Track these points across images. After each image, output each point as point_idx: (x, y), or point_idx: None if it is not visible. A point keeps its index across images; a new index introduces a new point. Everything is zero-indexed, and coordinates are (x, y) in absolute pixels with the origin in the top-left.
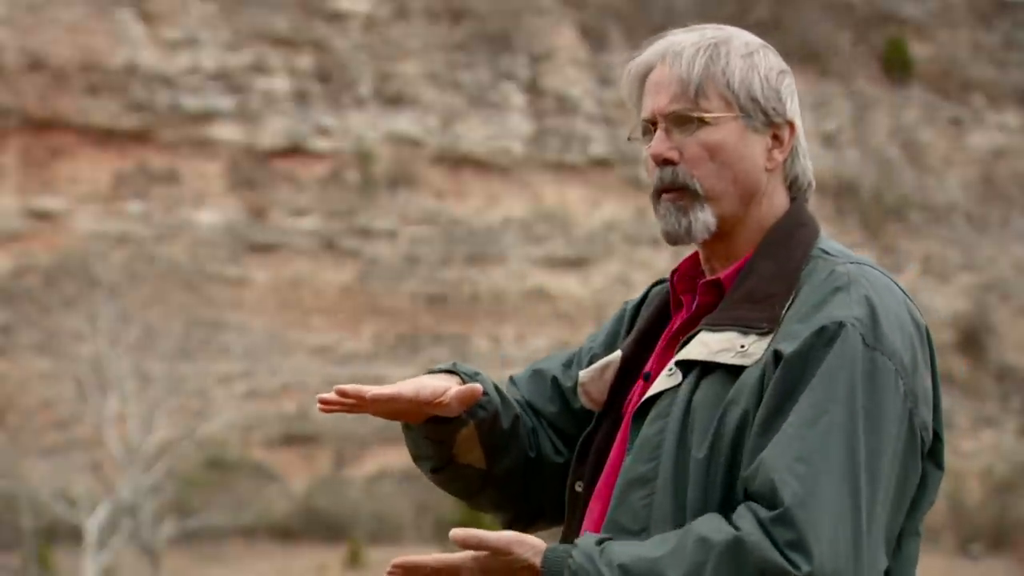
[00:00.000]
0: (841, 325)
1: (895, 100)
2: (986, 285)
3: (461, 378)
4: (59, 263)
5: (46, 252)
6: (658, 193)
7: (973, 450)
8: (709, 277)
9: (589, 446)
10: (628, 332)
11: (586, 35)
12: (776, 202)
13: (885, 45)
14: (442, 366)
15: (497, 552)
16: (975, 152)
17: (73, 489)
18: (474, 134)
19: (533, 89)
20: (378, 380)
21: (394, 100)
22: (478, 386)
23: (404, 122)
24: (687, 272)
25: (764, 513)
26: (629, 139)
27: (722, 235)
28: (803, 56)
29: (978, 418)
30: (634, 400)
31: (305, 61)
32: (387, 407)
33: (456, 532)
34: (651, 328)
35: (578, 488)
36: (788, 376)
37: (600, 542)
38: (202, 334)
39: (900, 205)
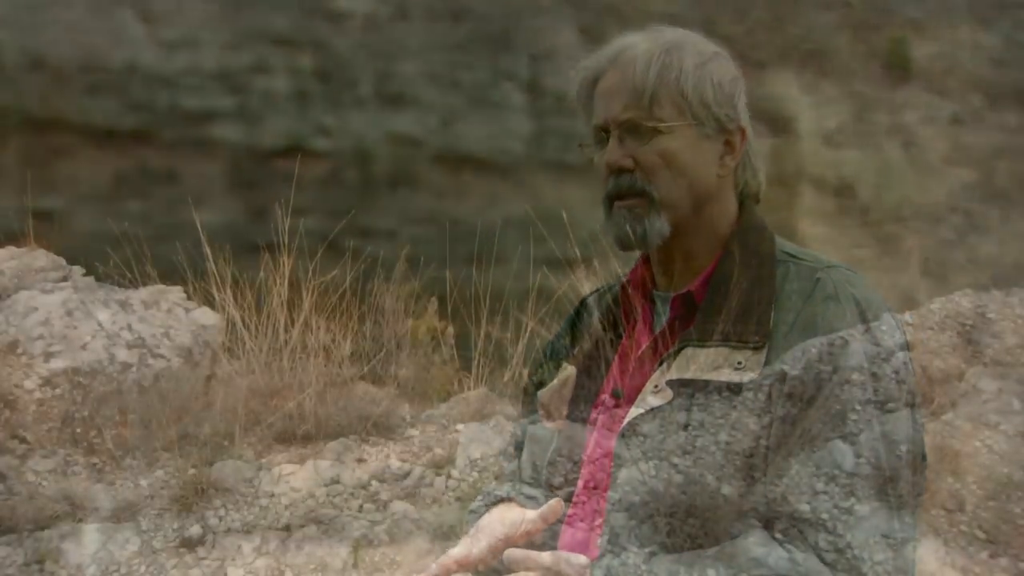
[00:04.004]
0: (844, 339)
1: (895, 100)
2: (986, 285)
3: (516, 501)
4: None
5: None
6: (611, 200)
7: (973, 450)
8: (678, 291)
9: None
10: (571, 346)
11: (586, 35)
12: (728, 208)
13: (885, 45)
14: (476, 503)
15: (547, 571)
16: (975, 152)
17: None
18: (474, 134)
19: (533, 89)
20: (378, 380)
21: (394, 100)
22: (559, 500)
23: (404, 122)
24: (639, 282)
25: (820, 540)
26: (579, 146)
27: (675, 242)
28: (803, 56)
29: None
30: (603, 415)
31: (305, 61)
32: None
33: (511, 553)
34: (603, 340)
35: None
36: (800, 394)
37: (647, 559)
38: None
39: (900, 205)
